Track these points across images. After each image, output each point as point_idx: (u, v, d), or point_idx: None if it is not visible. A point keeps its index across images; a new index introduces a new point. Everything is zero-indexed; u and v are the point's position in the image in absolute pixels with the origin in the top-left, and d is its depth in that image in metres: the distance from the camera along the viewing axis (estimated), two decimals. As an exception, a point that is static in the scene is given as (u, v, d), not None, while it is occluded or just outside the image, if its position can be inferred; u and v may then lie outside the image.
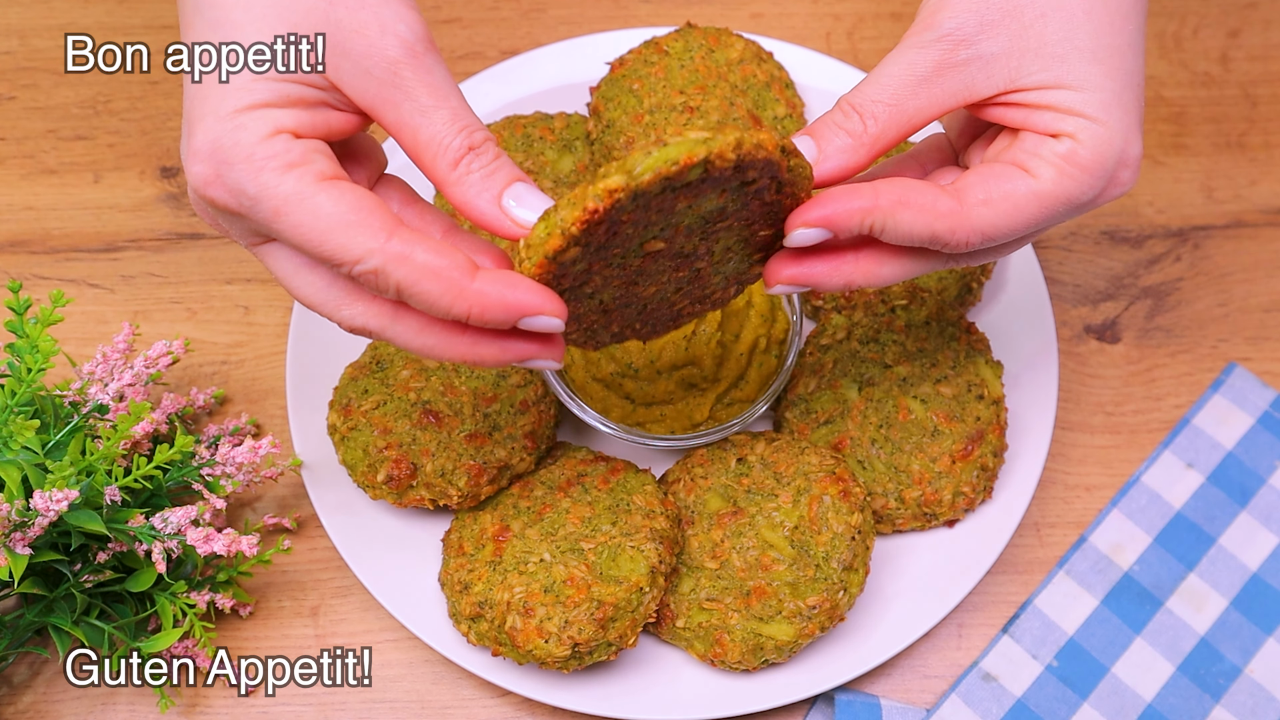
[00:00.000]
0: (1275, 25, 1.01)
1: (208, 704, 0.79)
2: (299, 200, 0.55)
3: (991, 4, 0.59)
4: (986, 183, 0.60)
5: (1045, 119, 0.60)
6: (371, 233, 0.55)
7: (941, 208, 0.59)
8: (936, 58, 0.60)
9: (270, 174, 0.55)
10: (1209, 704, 0.80)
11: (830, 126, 0.61)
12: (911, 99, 0.60)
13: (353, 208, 0.55)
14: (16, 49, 0.98)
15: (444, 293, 0.55)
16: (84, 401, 0.77)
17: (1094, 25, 0.60)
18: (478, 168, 0.58)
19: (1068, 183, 0.60)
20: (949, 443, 0.79)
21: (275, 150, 0.55)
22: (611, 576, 0.72)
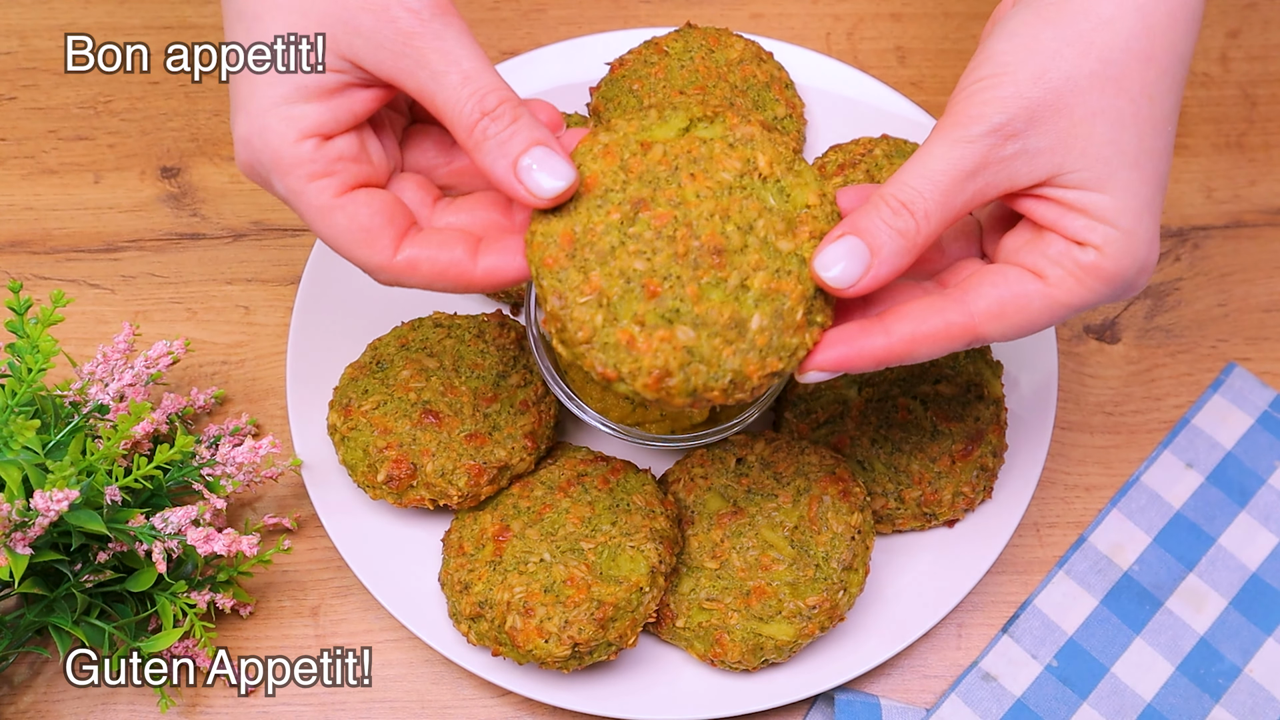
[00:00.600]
0: (1275, 25, 1.01)
1: (208, 704, 0.79)
2: (318, 213, 0.59)
3: (1042, 101, 0.58)
4: (999, 291, 0.60)
5: (1077, 225, 0.59)
6: (380, 249, 0.59)
7: (954, 330, 0.60)
8: (984, 153, 0.58)
9: (295, 180, 0.59)
10: (1209, 704, 0.80)
11: (883, 228, 0.59)
12: (959, 195, 0.59)
13: (363, 227, 0.59)
14: (16, 49, 0.98)
15: (455, 284, 0.60)
16: (84, 401, 0.77)
17: (1139, 129, 0.59)
18: (493, 133, 0.58)
19: (1084, 292, 0.59)
20: (949, 443, 0.79)
21: (301, 158, 0.58)
22: (611, 576, 0.72)
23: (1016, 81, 0.58)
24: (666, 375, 0.59)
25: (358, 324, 0.85)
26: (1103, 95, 0.58)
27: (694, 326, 0.60)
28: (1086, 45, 0.58)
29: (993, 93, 0.58)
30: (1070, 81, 0.58)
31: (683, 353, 0.59)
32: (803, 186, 0.63)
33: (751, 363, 0.60)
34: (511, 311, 0.87)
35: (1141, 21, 0.58)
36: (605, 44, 0.93)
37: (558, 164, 0.58)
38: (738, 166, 0.62)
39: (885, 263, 0.59)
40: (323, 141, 0.59)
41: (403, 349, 0.81)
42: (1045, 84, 0.58)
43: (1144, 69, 0.59)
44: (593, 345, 0.60)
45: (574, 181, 0.59)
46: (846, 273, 0.59)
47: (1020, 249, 0.61)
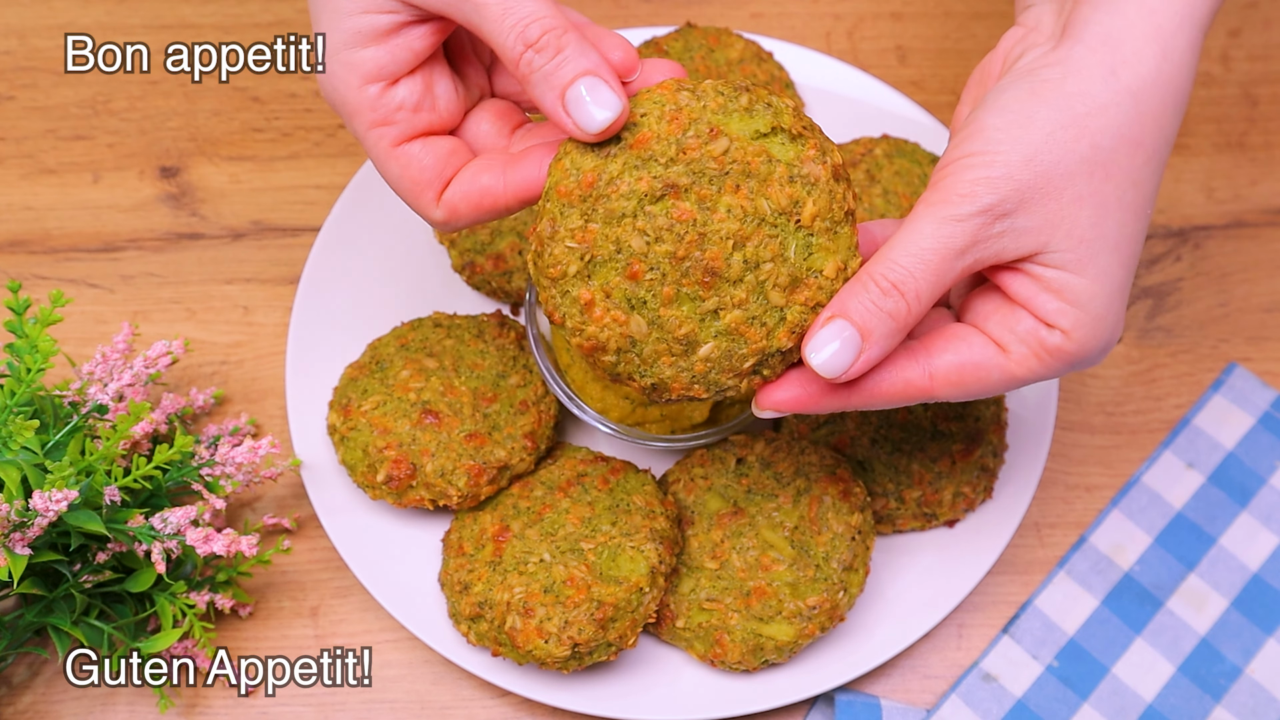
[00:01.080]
0: (1275, 25, 1.01)
1: (208, 704, 0.79)
2: (378, 159, 0.63)
3: (1032, 185, 0.57)
4: (960, 357, 0.60)
5: (1050, 307, 0.59)
6: (426, 202, 0.63)
7: (911, 389, 0.60)
8: (974, 232, 0.58)
9: (358, 126, 0.62)
10: (1209, 704, 0.80)
11: (874, 311, 0.58)
12: (948, 273, 0.58)
13: (413, 179, 0.62)
14: (16, 49, 0.98)
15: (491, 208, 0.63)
16: (83, 401, 0.77)
17: (1123, 215, 0.59)
18: (538, 65, 0.57)
19: (1042, 370, 0.60)
20: (949, 443, 0.79)
21: (362, 105, 0.61)
22: (611, 577, 0.72)
23: (1008, 164, 0.58)
24: (601, 349, 0.61)
25: (358, 324, 0.85)
26: (1091, 180, 0.58)
27: (649, 324, 0.60)
28: (1080, 130, 0.58)
29: (984, 172, 0.58)
30: (1061, 166, 0.58)
31: (625, 340, 0.60)
32: (830, 253, 0.61)
33: (678, 381, 0.61)
34: (511, 311, 0.87)
35: (1135, 109, 0.59)
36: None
37: (606, 94, 0.57)
38: (782, 204, 0.60)
39: (876, 346, 0.58)
40: (387, 87, 0.61)
41: (402, 349, 0.81)
42: (1036, 167, 0.58)
43: (1132, 155, 0.59)
44: (555, 285, 0.60)
45: (624, 112, 0.57)
46: (838, 359, 0.58)
47: (989, 316, 0.61)
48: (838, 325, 0.58)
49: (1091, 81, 0.58)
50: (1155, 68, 0.59)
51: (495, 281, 0.85)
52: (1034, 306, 0.60)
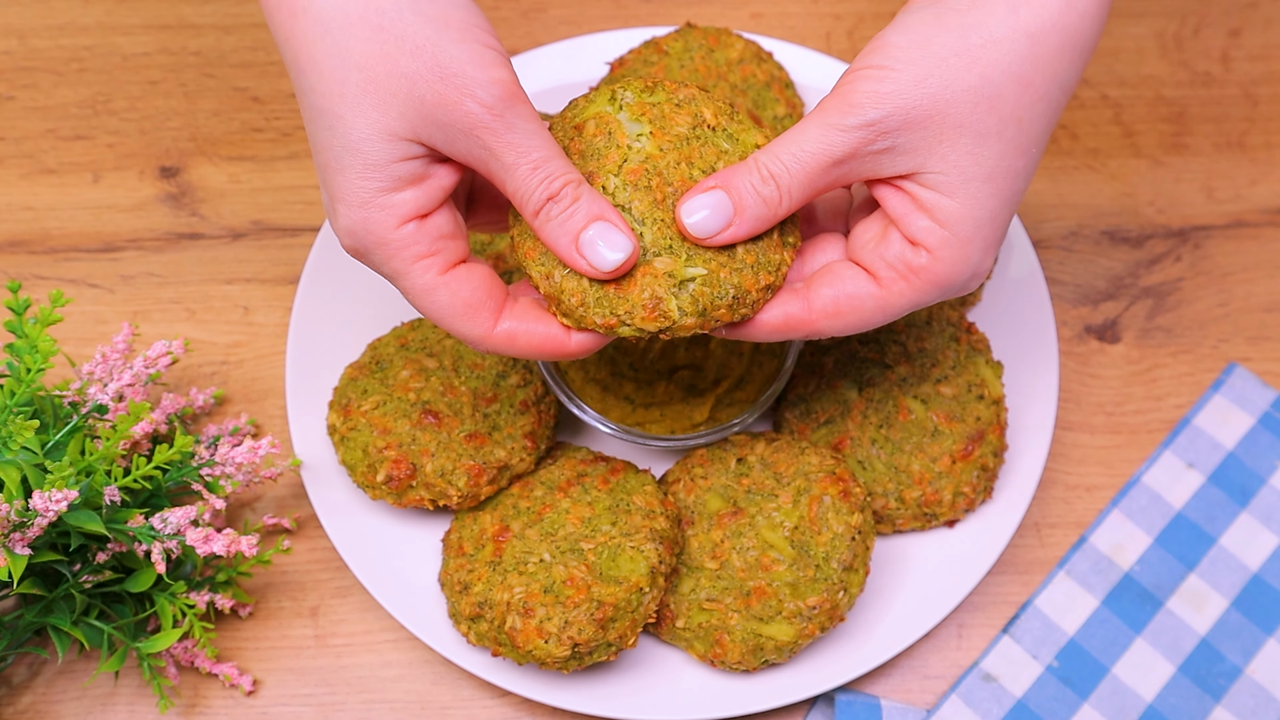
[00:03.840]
0: (1276, 25, 1.01)
1: (208, 704, 0.79)
2: (422, 291, 0.63)
3: (918, 105, 0.60)
4: (835, 290, 0.64)
5: (919, 225, 0.62)
6: (480, 323, 0.64)
7: (793, 321, 0.65)
8: (854, 144, 0.61)
9: (401, 263, 0.62)
10: (1209, 704, 0.80)
11: (750, 192, 0.63)
12: (823, 177, 0.62)
13: (465, 303, 0.63)
14: (16, 49, 0.98)
15: (550, 355, 0.65)
16: (83, 402, 0.77)
17: (1002, 148, 0.62)
18: (556, 214, 0.62)
19: (912, 294, 0.64)
20: (949, 443, 0.79)
21: (405, 242, 0.62)
22: (611, 577, 0.72)
23: (899, 81, 0.60)
24: (658, 302, 0.63)
25: (357, 324, 0.85)
26: (974, 110, 0.61)
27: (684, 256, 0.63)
28: (972, 60, 0.60)
29: (875, 86, 0.61)
30: (948, 91, 0.60)
31: (665, 278, 0.63)
32: (747, 131, 0.67)
33: (748, 278, 0.64)
34: (511, 311, 0.87)
35: (1030, 48, 0.61)
36: (605, 44, 0.93)
37: (616, 236, 0.62)
38: (689, 120, 0.66)
39: (745, 223, 0.63)
40: (422, 221, 0.63)
41: (402, 349, 0.81)
42: (924, 89, 0.60)
43: (1020, 93, 0.61)
44: (588, 306, 0.63)
45: (634, 251, 0.62)
46: (708, 223, 0.63)
47: (864, 245, 0.65)
48: (716, 195, 0.63)
49: (992, 16, 0.61)
50: (1058, 14, 0.61)
51: (495, 281, 0.85)
52: (904, 225, 0.63)
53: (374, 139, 0.60)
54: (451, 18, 0.60)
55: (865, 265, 0.65)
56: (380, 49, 0.59)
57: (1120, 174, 0.96)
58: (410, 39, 0.59)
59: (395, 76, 0.59)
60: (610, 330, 0.64)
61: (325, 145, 0.62)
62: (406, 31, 0.59)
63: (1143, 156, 0.96)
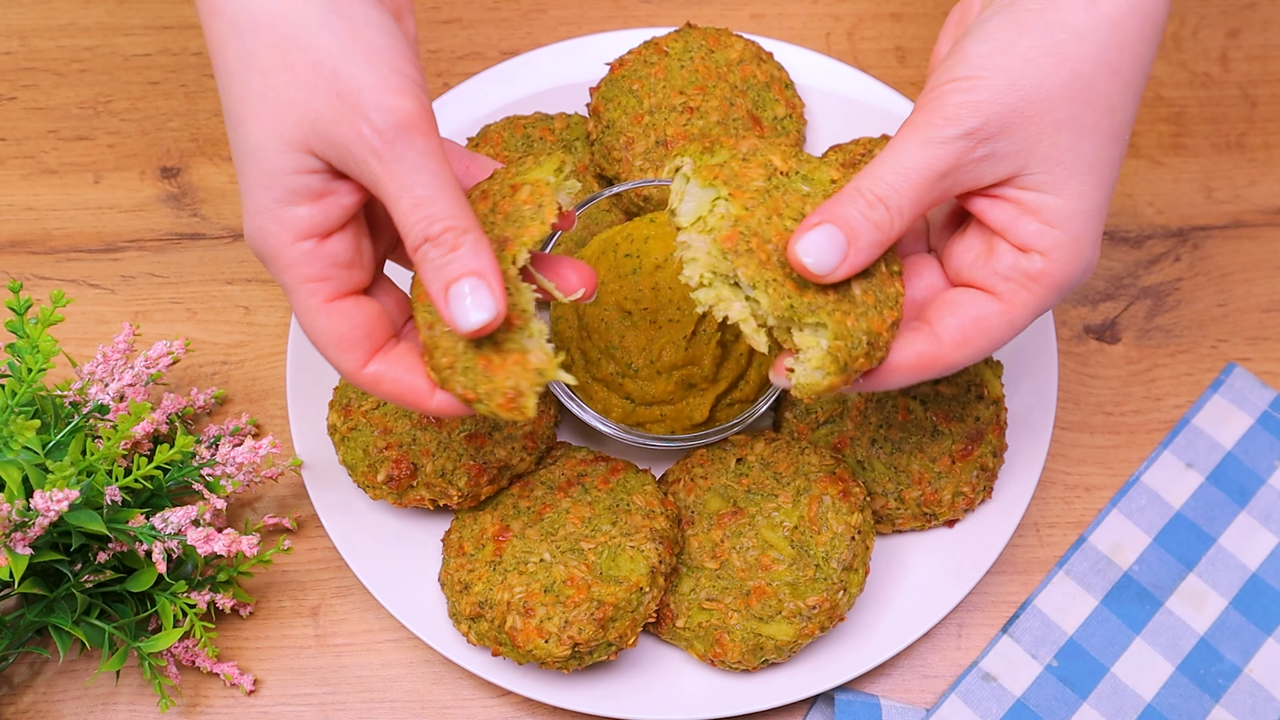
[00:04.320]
0: (1275, 25, 1.01)
1: (208, 703, 0.79)
2: (304, 313, 0.62)
3: (1014, 108, 0.60)
4: (960, 319, 0.63)
5: (1028, 230, 0.61)
6: (351, 359, 0.62)
7: (925, 360, 0.63)
8: (956, 155, 0.60)
9: (290, 279, 0.61)
10: (1209, 704, 0.80)
11: (860, 219, 0.61)
12: (930, 193, 0.61)
13: (342, 336, 0.62)
14: (17, 49, 0.98)
15: (410, 406, 0.64)
16: (84, 401, 0.77)
17: (1099, 138, 0.61)
18: (432, 257, 0.59)
19: (1036, 303, 0.63)
20: (949, 443, 0.79)
21: (297, 260, 0.61)
22: (611, 576, 0.72)
23: (992, 87, 0.60)
24: (519, 395, 0.60)
25: (358, 324, 0.85)
26: (1070, 105, 0.60)
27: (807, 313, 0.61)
28: (1061, 57, 0.60)
29: (968, 96, 0.60)
30: (1042, 90, 0.60)
31: (534, 374, 0.60)
32: (818, 168, 0.66)
33: (875, 320, 0.62)
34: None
35: (1113, 36, 0.61)
36: (605, 44, 0.93)
37: (484, 297, 0.59)
38: (762, 172, 0.64)
39: (861, 252, 0.61)
40: (320, 242, 0.61)
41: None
42: (1019, 92, 0.60)
43: (1110, 81, 0.61)
44: (454, 370, 0.61)
45: (498, 315, 0.59)
46: (825, 259, 0.61)
47: (972, 264, 0.64)
48: (826, 230, 0.61)
49: (1072, 11, 0.60)
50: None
51: (495, 282, 0.85)
52: (1012, 234, 0.62)
53: (270, 147, 0.59)
54: (363, 37, 0.58)
55: (979, 284, 0.63)
56: (284, 57, 0.58)
57: (1120, 174, 0.96)
58: (314, 51, 0.58)
59: (294, 86, 0.58)
60: (467, 403, 0.61)
61: (233, 147, 0.61)
62: (312, 43, 0.58)
63: (1142, 157, 0.96)
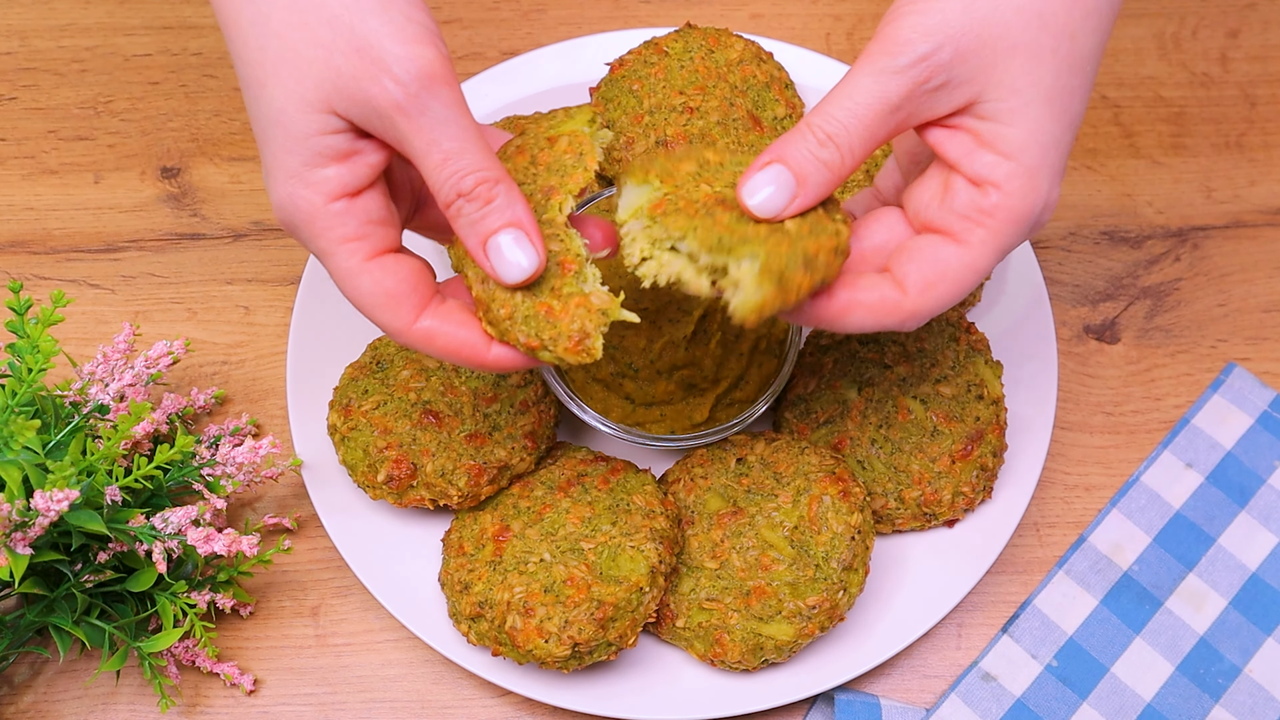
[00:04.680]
0: (1274, 25, 1.01)
1: (209, 703, 0.79)
2: (346, 275, 0.61)
3: (968, 32, 0.58)
4: (923, 267, 0.61)
5: (983, 163, 0.60)
6: (401, 315, 0.61)
7: (887, 305, 0.61)
8: (909, 86, 0.59)
9: (327, 242, 0.60)
10: (1208, 704, 0.80)
11: (809, 159, 0.60)
12: (883, 127, 0.60)
13: (388, 293, 0.61)
14: (17, 49, 0.98)
15: (466, 363, 0.62)
16: (85, 401, 0.77)
17: (1058, 66, 0.60)
18: (468, 212, 0.59)
19: (995, 241, 0.61)
20: (949, 443, 0.79)
21: (333, 221, 0.60)
22: (611, 576, 0.72)
23: (943, 9, 0.58)
24: (585, 337, 0.60)
25: (358, 324, 0.85)
26: (1027, 30, 0.59)
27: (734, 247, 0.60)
28: None
29: (920, 19, 0.58)
30: (998, 13, 0.58)
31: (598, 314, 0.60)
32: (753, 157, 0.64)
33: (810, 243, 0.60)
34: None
35: None
36: (605, 44, 0.93)
37: (525, 247, 0.59)
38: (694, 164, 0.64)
39: (810, 192, 0.60)
40: (352, 200, 0.60)
41: (403, 349, 0.81)
42: (972, 14, 0.58)
43: (1070, 8, 0.59)
44: (514, 321, 0.61)
45: (539, 265, 0.60)
46: (772, 200, 0.60)
47: (928, 205, 0.62)
48: (775, 169, 0.60)
49: None
50: None
51: (495, 282, 0.85)
52: (967, 167, 0.60)
53: (293, 110, 0.58)
54: None
55: (938, 226, 0.62)
56: (298, 16, 0.57)
57: (1119, 174, 0.96)
58: (328, 6, 0.57)
59: (312, 45, 0.57)
60: (531, 352, 0.61)
61: (253, 117, 0.60)
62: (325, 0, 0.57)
63: (1142, 157, 0.96)
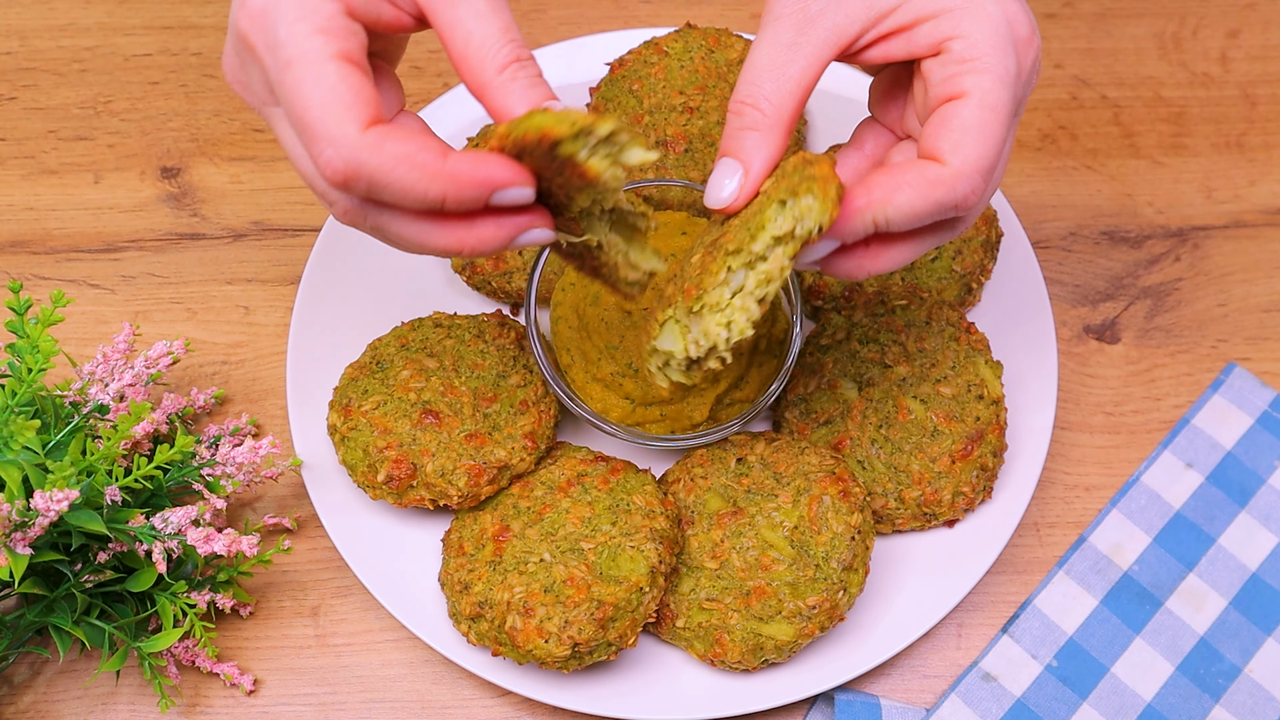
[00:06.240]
0: (1274, 25, 1.01)
1: (208, 703, 0.79)
2: (310, 61, 0.55)
3: None
4: (941, 130, 0.59)
5: (923, 34, 0.60)
6: (349, 120, 0.54)
7: (930, 174, 0.59)
8: (794, 20, 0.60)
9: (302, 25, 0.55)
10: (1208, 704, 0.80)
11: (735, 135, 0.61)
12: (789, 66, 0.60)
13: (352, 90, 0.55)
14: (17, 49, 0.98)
15: (419, 178, 0.54)
16: (84, 401, 0.77)
17: None
18: (523, 76, 0.58)
19: (989, 75, 0.59)
20: (949, 443, 0.79)
21: (318, 9, 0.55)
22: (611, 576, 0.72)
23: None
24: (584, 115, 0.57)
25: (358, 324, 0.85)
26: None
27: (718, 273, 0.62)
28: None
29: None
30: None
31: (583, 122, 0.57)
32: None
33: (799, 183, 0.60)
34: (511, 311, 0.87)
35: None
36: (605, 44, 0.93)
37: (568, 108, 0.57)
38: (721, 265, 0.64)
39: (754, 159, 0.61)
40: (344, 14, 0.57)
41: (403, 349, 0.81)
42: None
43: None
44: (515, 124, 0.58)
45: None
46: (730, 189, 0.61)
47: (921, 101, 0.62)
48: (719, 163, 0.62)
49: None
50: None
51: (495, 282, 0.85)
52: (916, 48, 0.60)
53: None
54: None
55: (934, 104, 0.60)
56: None
57: (1119, 174, 0.96)
58: None
59: None
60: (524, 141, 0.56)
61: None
62: None
63: (1142, 157, 0.96)
